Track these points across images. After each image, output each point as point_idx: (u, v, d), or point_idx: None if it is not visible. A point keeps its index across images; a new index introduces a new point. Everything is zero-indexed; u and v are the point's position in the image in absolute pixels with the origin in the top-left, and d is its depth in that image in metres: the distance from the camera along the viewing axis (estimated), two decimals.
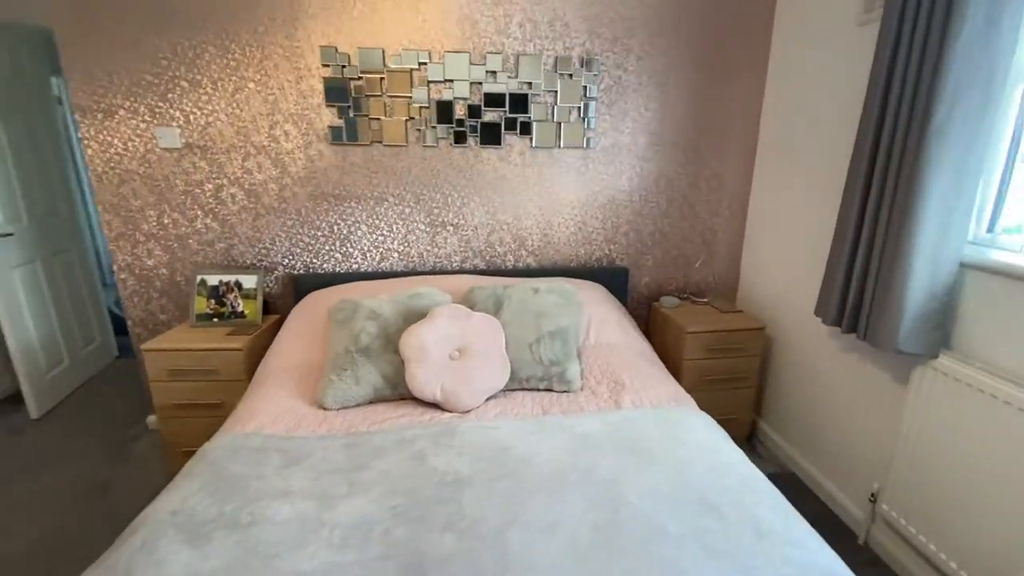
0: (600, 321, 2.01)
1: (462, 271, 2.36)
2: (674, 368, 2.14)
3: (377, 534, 1.03)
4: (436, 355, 1.58)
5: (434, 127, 2.17)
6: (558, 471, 1.23)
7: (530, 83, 2.16)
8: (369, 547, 0.99)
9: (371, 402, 1.61)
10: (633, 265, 2.50)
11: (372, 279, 2.24)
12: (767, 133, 2.32)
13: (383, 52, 2.08)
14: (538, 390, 1.69)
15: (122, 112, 2.08)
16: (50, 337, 2.68)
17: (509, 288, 1.87)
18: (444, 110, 2.15)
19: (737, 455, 1.34)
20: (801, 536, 1.05)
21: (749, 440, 2.38)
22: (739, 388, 2.22)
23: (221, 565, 0.94)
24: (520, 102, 2.18)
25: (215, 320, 2.14)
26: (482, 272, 2.35)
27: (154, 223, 2.20)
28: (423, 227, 2.33)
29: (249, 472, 1.23)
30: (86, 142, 2.09)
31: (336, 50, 2.06)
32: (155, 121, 2.10)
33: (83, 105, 2.06)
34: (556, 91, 2.18)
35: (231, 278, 2.15)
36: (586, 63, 2.17)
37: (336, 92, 2.10)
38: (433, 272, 2.35)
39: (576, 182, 2.34)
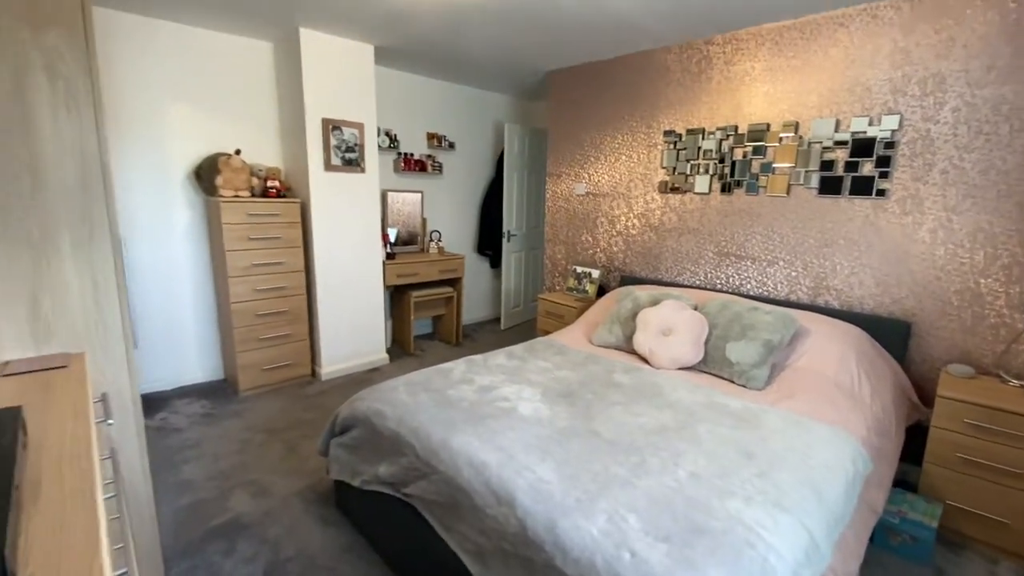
0: (820, 353, 2.20)
1: (741, 294, 2.92)
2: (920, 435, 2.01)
3: (566, 385, 2.13)
4: (653, 328, 2.44)
5: (724, 178, 2.87)
6: (670, 404, 1.92)
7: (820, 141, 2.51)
8: (562, 387, 2.11)
9: (615, 347, 2.63)
10: (927, 324, 2.30)
11: (670, 286, 3.15)
12: None
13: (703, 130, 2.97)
14: (721, 377, 2.24)
15: (563, 175, 3.88)
16: (517, 291, 4.98)
17: (737, 304, 2.42)
18: (738, 166, 2.82)
19: (834, 458, 1.57)
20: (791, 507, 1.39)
21: None
22: (1016, 489, 1.81)
23: (514, 367, 2.30)
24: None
25: (574, 292, 3.64)
26: (767, 300, 2.82)
27: (564, 235, 3.93)
28: (711, 255, 3.04)
29: (541, 350, 2.56)
30: (547, 190, 4.03)
31: (674, 131, 3.11)
32: (575, 179, 3.79)
33: (551, 171, 3.98)
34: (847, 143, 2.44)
35: (587, 270, 3.60)
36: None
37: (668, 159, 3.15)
38: (720, 290, 3.00)
39: (867, 231, 2.45)
